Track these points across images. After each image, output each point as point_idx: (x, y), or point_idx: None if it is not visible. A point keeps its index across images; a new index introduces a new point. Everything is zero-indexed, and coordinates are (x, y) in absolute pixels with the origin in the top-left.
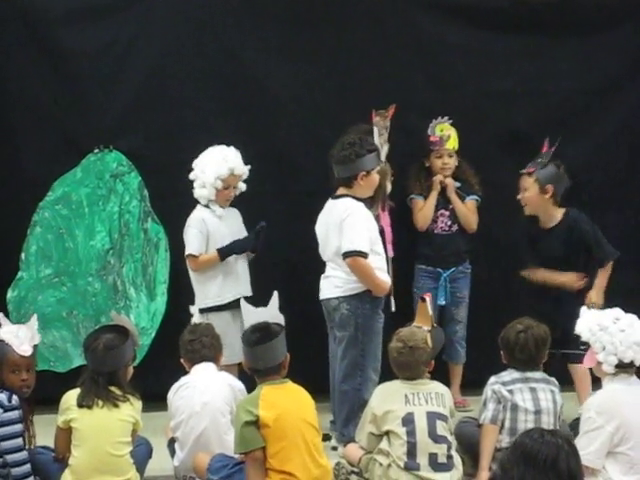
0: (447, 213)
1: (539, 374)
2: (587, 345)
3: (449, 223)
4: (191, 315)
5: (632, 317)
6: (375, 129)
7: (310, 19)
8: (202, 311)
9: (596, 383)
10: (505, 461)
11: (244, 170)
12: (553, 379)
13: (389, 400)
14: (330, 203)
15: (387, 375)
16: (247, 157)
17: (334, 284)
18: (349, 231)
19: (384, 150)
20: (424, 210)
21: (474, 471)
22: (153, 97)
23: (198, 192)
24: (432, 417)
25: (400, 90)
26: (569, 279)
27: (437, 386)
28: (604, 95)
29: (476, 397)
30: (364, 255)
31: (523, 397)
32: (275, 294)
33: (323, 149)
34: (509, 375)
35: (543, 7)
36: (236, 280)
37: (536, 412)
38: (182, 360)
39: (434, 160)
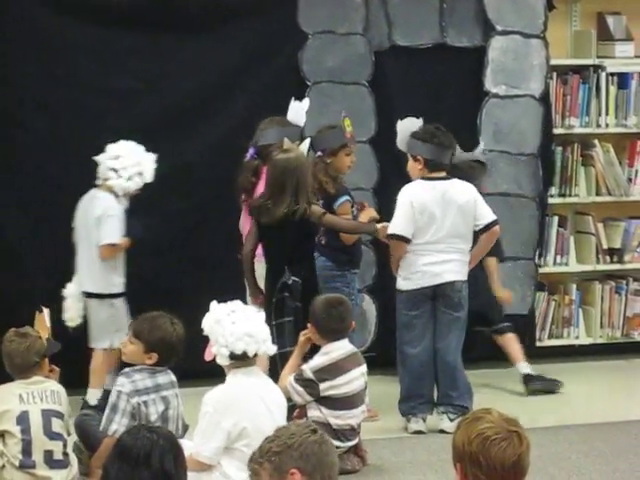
0: None
1: (168, 378)
2: None
3: None
4: None
5: (249, 309)
6: None
7: None
8: None
9: None
10: (106, 460)
11: None
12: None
13: (5, 400)
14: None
15: None
16: None
17: (457, 268)
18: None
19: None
20: None
21: (88, 470)
22: None
23: None
24: (47, 415)
25: (18, 85)
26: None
27: (52, 384)
28: (221, 92)
29: None
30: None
31: (156, 409)
32: None
33: None
34: (142, 382)
35: (162, 5)
36: None
37: (163, 420)
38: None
39: (343, 158)
